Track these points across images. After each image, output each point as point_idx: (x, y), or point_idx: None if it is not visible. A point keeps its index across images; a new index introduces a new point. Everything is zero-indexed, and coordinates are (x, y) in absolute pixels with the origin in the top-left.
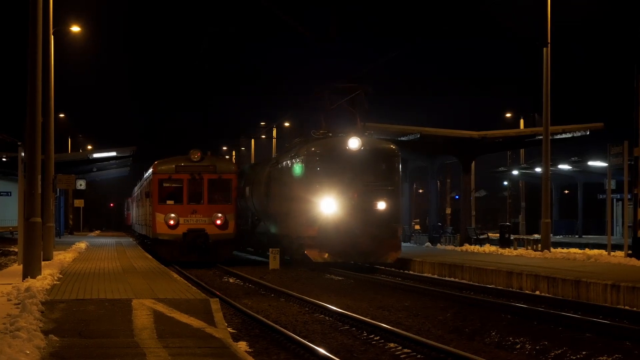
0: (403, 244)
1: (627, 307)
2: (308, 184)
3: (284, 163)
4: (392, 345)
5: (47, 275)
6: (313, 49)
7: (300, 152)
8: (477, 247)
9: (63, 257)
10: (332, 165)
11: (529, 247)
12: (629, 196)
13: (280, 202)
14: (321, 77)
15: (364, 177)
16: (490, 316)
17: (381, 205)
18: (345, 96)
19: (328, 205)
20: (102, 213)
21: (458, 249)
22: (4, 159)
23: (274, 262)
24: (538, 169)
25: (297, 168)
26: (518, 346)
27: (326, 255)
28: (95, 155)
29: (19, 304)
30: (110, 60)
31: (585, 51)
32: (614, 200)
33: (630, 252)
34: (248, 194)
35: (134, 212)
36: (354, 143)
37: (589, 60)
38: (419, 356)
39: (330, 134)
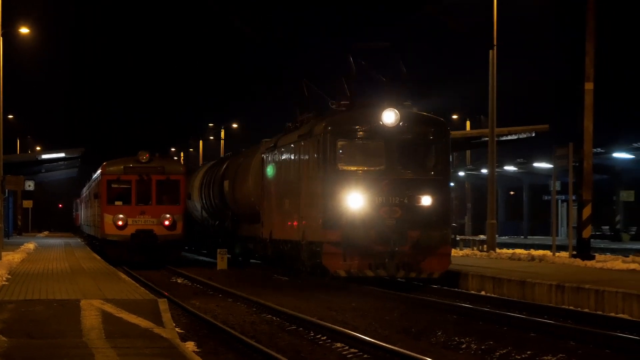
0: None
1: (571, 307)
2: (327, 173)
3: (288, 146)
4: (339, 345)
5: None
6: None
7: (315, 130)
8: None
9: (12, 257)
10: (360, 147)
11: (475, 248)
12: (574, 197)
13: (281, 198)
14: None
15: (404, 163)
16: (436, 316)
17: (426, 200)
18: (376, 59)
19: (355, 202)
20: (50, 214)
21: None
22: None
23: (221, 262)
24: (484, 170)
25: (311, 151)
26: (464, 346)
27: (353, 266)
28: (44, 156)
29: None
30: (60, 60)
31: (534, 54)
32: (559, 201)
33: (574, 252)
34: (227, 189)
35: (83, 213)
36: (389, 117)
37: (537, 64)
38: (365, 356)
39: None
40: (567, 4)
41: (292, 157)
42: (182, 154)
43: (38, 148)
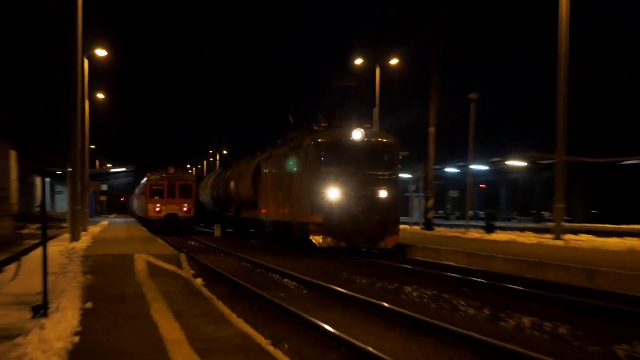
0: None
1: (420, 258)
2: (313, 174)
3: (281, 155)
4: (286, 280)
5: (84, 240)
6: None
7: (304, 143)
8: None
9: (93, 229)
10: (337, 155)
11: None
12: (423, 194)
13: (276, 191)
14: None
15: (367, 166)
16: (344, 265)
17: (383, 193)
18: (345, 92)
19: (333, 194)
20: (116, 204)
21: None
22: (58, 172)
23: (217, 232)
24: None
25: (301, 158)
26: (357, 281)
27: (330, 240)
28: (112, 170)
29: (68, 256)
30: (118, 105)
31: (404, 104)
32: (415, 197)
33: (423, 226)
34: (233, 187)
35: (135, 203)
36: (357, 134)
37: (407, 111)
38: (300, 286)
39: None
40: (419, 73)
41: (285, 163)
42: (193, 169)
43: (108, 164)
